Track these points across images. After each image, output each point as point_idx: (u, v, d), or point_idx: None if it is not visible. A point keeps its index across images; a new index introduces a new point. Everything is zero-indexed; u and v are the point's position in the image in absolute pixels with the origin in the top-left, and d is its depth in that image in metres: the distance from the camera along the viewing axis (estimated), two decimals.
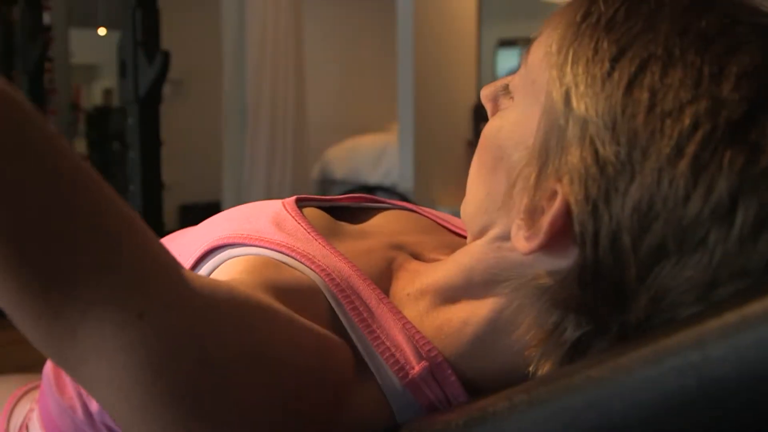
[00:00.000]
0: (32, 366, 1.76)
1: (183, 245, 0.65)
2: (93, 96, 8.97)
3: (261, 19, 4.87)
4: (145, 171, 1.83)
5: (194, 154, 5.60)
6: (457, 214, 0.77)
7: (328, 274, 0.55)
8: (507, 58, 5.19)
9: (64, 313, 0.38)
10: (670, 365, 0.35)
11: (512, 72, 0.56)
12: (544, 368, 0.49)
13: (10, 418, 0.93)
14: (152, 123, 1.84)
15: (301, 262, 0.56)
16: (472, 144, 4.64)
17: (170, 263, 0.42)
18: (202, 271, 0.60)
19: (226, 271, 0.56)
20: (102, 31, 8.29)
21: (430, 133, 4.44)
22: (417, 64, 4.32)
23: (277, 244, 0.57)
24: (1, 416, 0.93)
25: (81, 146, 7.75)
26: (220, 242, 0.60)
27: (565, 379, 0.40)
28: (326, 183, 5.50)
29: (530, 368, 0.50)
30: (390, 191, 4.64)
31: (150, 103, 1.83)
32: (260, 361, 0.44)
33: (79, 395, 0.76)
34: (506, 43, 5.15)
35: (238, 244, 0.59)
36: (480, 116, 4.62)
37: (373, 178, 5.00)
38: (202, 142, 5.64)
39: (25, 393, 0.96)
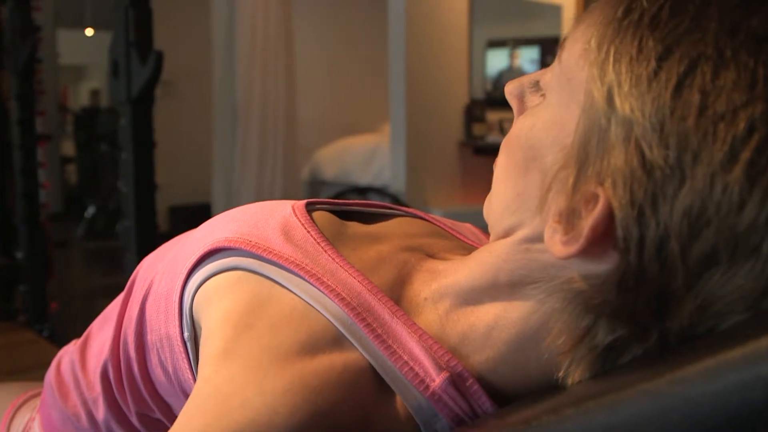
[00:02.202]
0: (27, 369, 1.75)
1: (183, 248, 0.63)
2: (80, 97, 8.91)
3: (251, 19, 4.85)
4: (138, 172, 1.80)
5: (184, 156, 5.57)
6: (450, 215, 0.76)
7: (338, 294, 0.53)
8: (496, 59, 5.19)
9: None
10: (736, 378, 0.33)
11: (504, 72, 0.54)
12: (575, 375, 0.48)
13: (10, 426, 0.90)
14: (145, 124, 1.82)
15: (308, 282, 0.54)
16: (464, 145, 4.64)
17: None
18: (202, 273, 0.58)
19: (218, 300, 0.55)
20: (89, 32, 8.24)
21: (421, 133, 4.43)
22: (409, 65, 4.31)
23: (285, 259, 0.55)
24: (0, 425, 0.91)
25: (69, 147, 7.69)
26: (225, 244, 0.58)
27: (616, 392, 0.38)
28: (316, 184, 5.48)
29: (560, 374, 0.48)
30: (381, 192, 4.63)
31: (143, 104, 1.80)
32: None
33: (84, 402, 0.74)
34: (495, 43, 5.15)
35: (242, 250, 0.57)
36: (472, 117, 4.61)
37: (364, 179, 4.98)
38: (192, 143, 5.62)
39: (25, 401, 0.94)
